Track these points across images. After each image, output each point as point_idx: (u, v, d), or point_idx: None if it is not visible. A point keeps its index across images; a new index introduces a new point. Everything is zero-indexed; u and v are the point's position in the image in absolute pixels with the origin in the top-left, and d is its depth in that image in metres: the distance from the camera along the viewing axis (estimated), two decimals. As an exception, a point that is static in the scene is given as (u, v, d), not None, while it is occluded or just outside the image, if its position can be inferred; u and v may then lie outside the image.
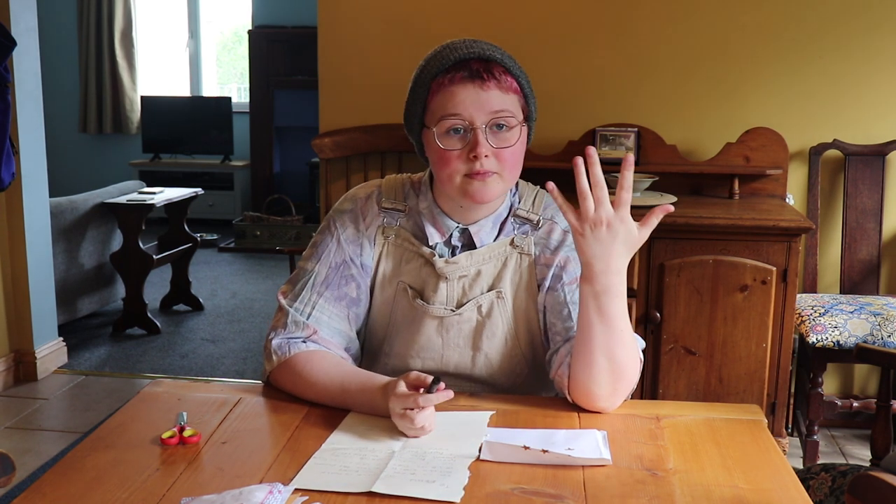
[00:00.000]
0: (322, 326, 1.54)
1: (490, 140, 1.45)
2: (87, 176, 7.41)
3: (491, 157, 1.45)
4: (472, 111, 1.44)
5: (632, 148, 3.23)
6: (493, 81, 1.45)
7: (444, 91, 1.46)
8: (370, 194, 1.61)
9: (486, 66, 1.45)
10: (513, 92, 1.48)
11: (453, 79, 1.45)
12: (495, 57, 1.47)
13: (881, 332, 2.83)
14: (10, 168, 3.15)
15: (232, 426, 1.40)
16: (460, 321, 1.56)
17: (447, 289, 1.56)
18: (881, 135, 3.26)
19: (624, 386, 1.44)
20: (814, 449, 2.96)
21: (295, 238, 6.47)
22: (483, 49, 1.47)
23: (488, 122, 1.45)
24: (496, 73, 1.46)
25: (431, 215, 1.57)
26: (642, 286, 2.85)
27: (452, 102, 1.45)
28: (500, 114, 1.45)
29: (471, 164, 1.45)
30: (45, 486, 1.20)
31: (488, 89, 1.45)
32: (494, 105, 1.45)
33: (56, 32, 7.33)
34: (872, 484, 1.24)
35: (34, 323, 3.82)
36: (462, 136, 1.46)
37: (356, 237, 1.58)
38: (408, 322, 1.58)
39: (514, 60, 1.51)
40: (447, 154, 1.47)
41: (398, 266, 1.58)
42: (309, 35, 5.94)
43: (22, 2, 3.64)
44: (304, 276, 1.58)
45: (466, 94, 1.45)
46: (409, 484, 1.19)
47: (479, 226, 1.56)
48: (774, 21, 3.27)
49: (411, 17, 3.44)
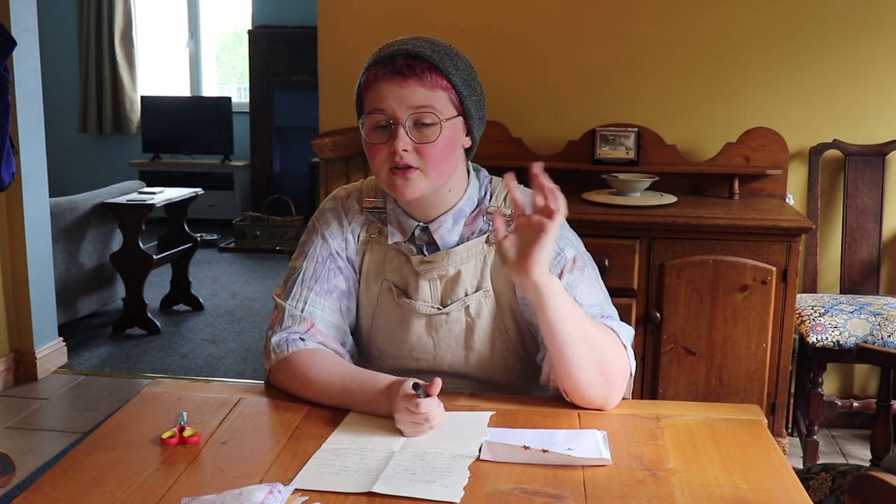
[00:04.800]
0: (317, 320, 1.55)
1: (412, 135, 1.47)
2: (87, 176, 7.41)
3: (411, 151, 1.47)
4: (393, 106, 1.46)
5: (632, 148, 3.23)
6: (414, 78, 1.46)
7: (371, 86, 1.49)
8: (350, 193, 1.65)
9: (409, 62, 1.47)
10: (440, 88, 1.48)
11: (378, 74, 1.48)
12: (423, 54, 1.47)
13: (881, 332, 2.83)
14: (10, 168, 3.15)
15: (232, 426, 1.40)
16: (449, 322, 1.57)
17: (429, 287, 1.57)
18: (881, 135, 3.26)
19: (615, 380, 1.44)
20: (814, 449, 2.96)
21: (295, 238, 6.48)
22: (413, 45, 1.48)
23: (410, 117, 1.46)
24: (419, 69, 1.46)
25: (394, 214, 1.59)
26: (642, 286, 2.85)
27: (377, 97, 1.48)
28: (421, 109, 1.46)
29: (392, 158, 1.47)
30: (45, 486, 1.21)
31: (409, 86, 1.46)
32: (416, 101, 1.46)
33: (56, 32, 7.33)
34: (872, 484, 1.24)
35: (34, 323, 3.82)
36: (386, 130, 1.48)
37: (340, 232, 1.61)
38: (395, 323, 1.59)
39: (453, 57, 1.50)
40: (373, 147, 1.50)
41: (382, 264, 1.60)
42: (309, 35, 5.93)
43: (22, 2, 3.64)
44: (293, 274, 1.60)
45: (389, 90, 1.46)
46: (409, 484, 1.19)
47: (438, 223, 1.56)
48: (775, 22, 3.27)
49: (411, 17, 3.43)
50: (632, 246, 2.81)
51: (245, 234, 6.58)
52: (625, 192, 3.03)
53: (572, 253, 1.55)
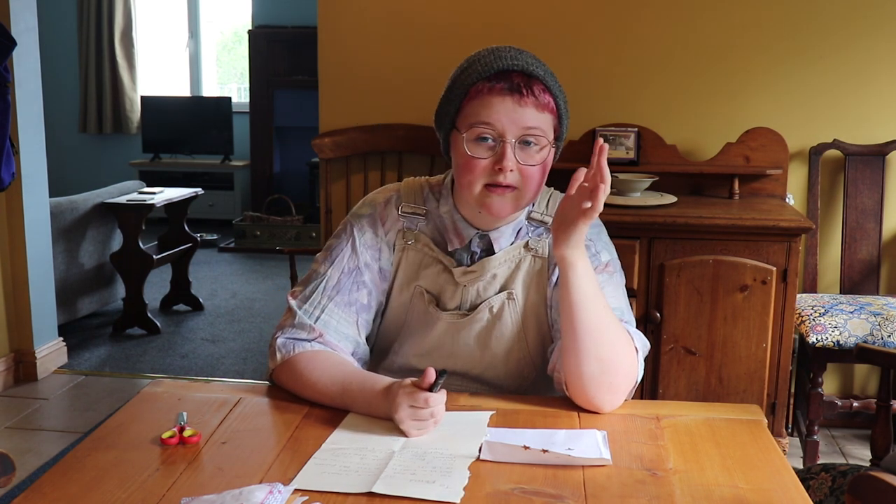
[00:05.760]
0: (329, 330, 1.53)
1: (517, 155, 1.46)
2: (87, 176, 7.41)
3: (515, 171, 1.46)
4: (505, 123, 1.44)
5: (632, 148, 3.23)
6: (531, 98, 1.45)
7: (481, 98, 1.46)
8: (389, 199, 1.61)
9: (527, 81, 1.45)
10: (548, 111, 1.48)
11: (493, 88, 1.45)
12: (538, 73, 1.47)
13: (881, 332, 2.83)
14: (10, 168, 3.15)
15: (232, 426, 1.40)
16: (471, 321, 1.56)
17: (462, 293, 1.56)
18: (881, 135, 3.27)
19: (619, 382, 1.44)
20: (814, 449, 2.96)
21: (295, 238, 6.48)
22: (527, 63, 1.47)
23: (519, 136, 1.45)
24: (536, 90, 1.45)
25: (452, 221, 1.57)
26: (642, 286, 2.85)
27: (487, 111, 1.45)
28: (532, 131, 1.46)
29: (494, 176, 1.46)
30: (45, 486, 1.20)
31: (525, 105, 1.45)
32: (528, 121, 1.45)
33: (56, 32, 7.33)
34: (872, 484, 1.24)
35: (34, 323, 3.82)
36: (490, 145, 1.46)
37: (374, 242, 1.58)
38: (421, 325, 1.59)
39: (556, 79, 1.50)
40: (472, 161, 1.47)
41: (416, 270, 1.58)
42: (309, 35, 5.93)
43: (22, 2, 3.64)
44: (315, 279, 1.57)
45: (503, 106, 1.45)
46: (409, 484, 1.19)
47: (499, 232, 1.56)
48: (775, 22, 3.27)
49: (411, 17, 3.43)
50: (632, 246, 2.81)
51: (245, 234, 6.58)
52: (625, 192, 3.03)
53: (607, 258, 1.57)
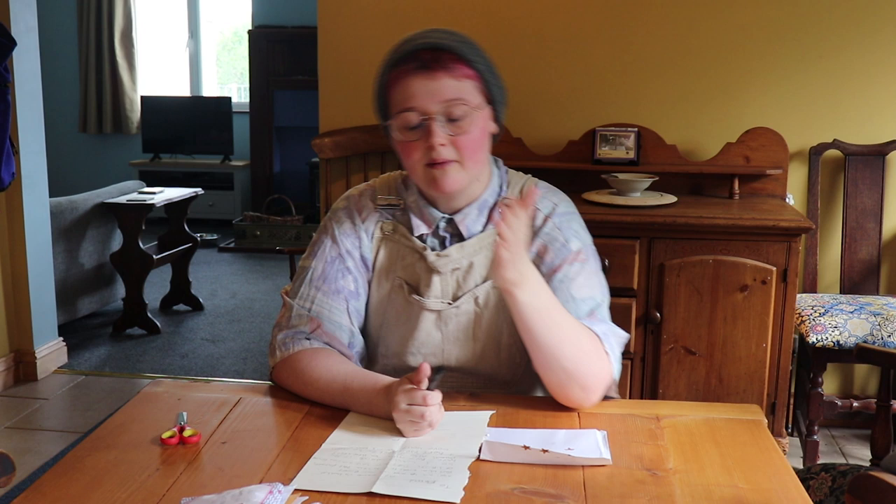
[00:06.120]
0: (324, 320, 1.55)
1: (446, 128, 1.46)
2: (87, 176, 7.41)
3: (448, 145, 1.47)
4: (424, 102, 1.45)
5: (632, 148, 3.23)
6: (442, 71, 1.45)
7: (398, 84, 1.48)
8: (364, 191, 1.65)
9: (435, 55, 1.46)
10: (467, 78, 1.48)
11: (406, 71, 1.47)
12: (446, 45, 1.47)
13: (881, 332, 2.83)
14: (10, 168, 3.15)
15: (232, 426, 1.40)
16: (458, 314, 1.56)
17: (441, 282, 1.56)
18: (881, 135, 3.26)
19: (590, 382, 1.43)
20: (814, 449, 2.96)
21: (295, 238, 6.47)
22: (435, 37, 1.47)
23: (443, 111, 1.46)
24: (446, 61, 1.46)
25: (418, 207, 1.58)
26: (642, 286, 2.85)
27: (405, 95, 1.47)
28: (454, 102, 1.46)
29: (429, 154, 1.47)
30: (45, 486, 1.21)
31: (438, 78, 1.45)
32: (447, 94, 1.46)
33: (56, 32, 7.33)
34: (872, 484, 1.24)
35: (34, 323, 3.82)
36: (419, 127, 1.47)
37: (353, 230, 1.60)
38: (403, 319, 1.58)
39: (472, 45, 1.50)
40: (407, 145, 1.49)
41: (394, 261, 1.59)
42: (309, 35, 5.93)
43: (22, 2, 3.64)
44: (302, 274, 1.60)
45: (418, 86, 1.45)
46: (409, 484, 1.19)
47: (463, 214, 1.56)
48: (775, 22, 3.26)
49: (411, 17, 3.43)
50: (632, 246, 2.81)
51: (245, 234, 6.58)
52: (625, 192, 3.03)
53: (577, 245, 1.55)
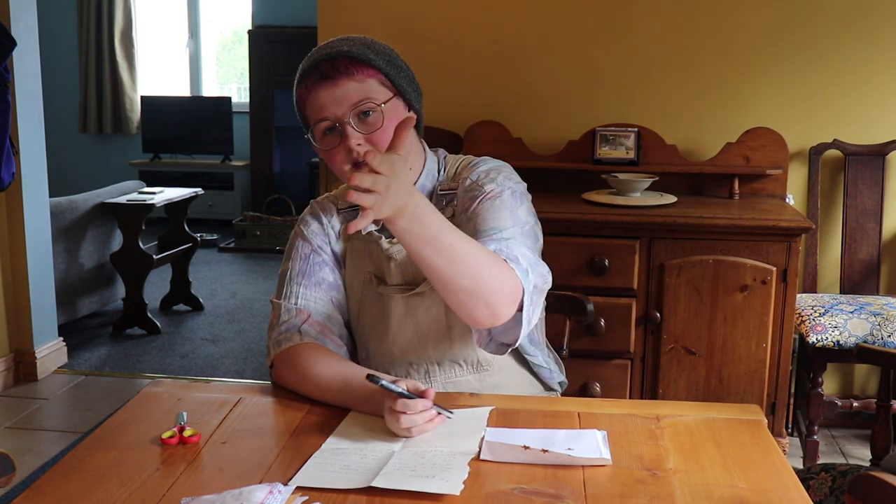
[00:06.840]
0: (312, 311, 1.59)
1: (360, 128, 1.50)
2: (87, 176, 7.40)
3: (364, 144, 1.50)
4: (333, 109, 1.50)
5: (632, 148, 3.23)
6: (343, 77, 1.50)
7: (308, 98, 1.53)
8: (326, 198, 1.73)
9: (331, 63, 1.50)
10: (368, 77, 1.52)
11: (310, 84, 1.52)
12: (341, 51, 1.51)
13: (881, 332, 2.83)
14: (10, 168, 3.15)
15: (232, 426, 1.40)
16: (426, 301, 1.58)
17: (401, 269, 1.59)
18: (881, 135, 3.26)
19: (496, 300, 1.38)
20: (814, 449, 2.96)
21: (295, 238, 6.48)
22: (331, 47, 1.52)
23: (352, 113, 1.50)
24: (343, 66, 1.50)
25: None
26: (642, 286, 2.85)
27: (316, 106, 1.52)
28: (360, 103, 1.50)
29: (350, 156, 1.50)
30: (45, 486, 1.21)
31: (340, 84, 1.50)
32: (352, 97, 1.50)
33: (56, 32, 7.33)
34: (872, 484, 1.24)
35: (34, 323, 3.82)
36: (336, 132, 1.52)
37: (321, 229, 1.66)
38: (377, 314, 1.61)
39: (369, 45, 1.54)
40: (329, 153, 1.53)
41: (363, 256, 1.63)
42: (309, 35, 5.91)
43: (22, 2, 3.64)
44: (282, 278, 1.65)
45: (324, 95, 1.50)
46: (409, 479, 1.19)
47: None
48: (775, 22, 3.26)
49: (411, 18, 3.43)
50: (632, 246, 2.81)
51: (245, 234, 6.58)
52: (625, 192, 3.03)
53: (492, 188, 1.58)
